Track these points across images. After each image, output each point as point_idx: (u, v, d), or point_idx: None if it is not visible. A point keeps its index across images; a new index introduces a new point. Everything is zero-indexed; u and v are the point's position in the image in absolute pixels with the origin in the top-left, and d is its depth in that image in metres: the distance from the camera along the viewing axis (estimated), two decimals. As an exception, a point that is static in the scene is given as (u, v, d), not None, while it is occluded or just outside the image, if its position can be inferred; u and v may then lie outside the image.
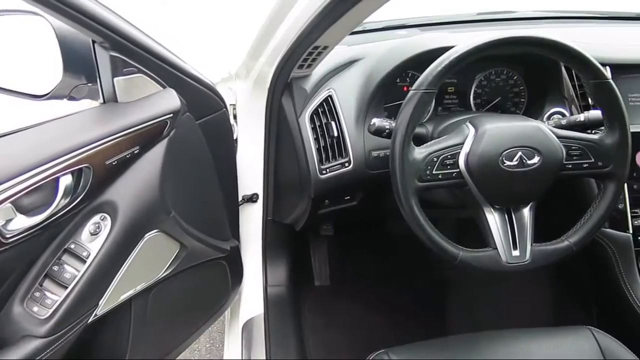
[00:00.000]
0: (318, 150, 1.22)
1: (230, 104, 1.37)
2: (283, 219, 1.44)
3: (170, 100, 0.95)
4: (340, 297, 1.79)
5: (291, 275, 1.54)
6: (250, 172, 1.36)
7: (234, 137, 1.33)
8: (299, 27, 0.97)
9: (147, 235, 0.96)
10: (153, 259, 1.01)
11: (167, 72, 0.97)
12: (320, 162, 1.21)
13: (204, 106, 1.08)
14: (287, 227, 1.48)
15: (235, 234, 1.31)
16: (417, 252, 1.49)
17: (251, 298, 1.45)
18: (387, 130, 1.08)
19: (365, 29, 1.51)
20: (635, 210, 1.28)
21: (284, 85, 1.21)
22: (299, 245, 1.70)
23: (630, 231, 1.28)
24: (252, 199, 1.39)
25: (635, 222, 1.27)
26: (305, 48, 1.04)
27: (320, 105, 1.22)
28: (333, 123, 1.21)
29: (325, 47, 1.07)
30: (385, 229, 1.77)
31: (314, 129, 1.22)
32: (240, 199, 1.36)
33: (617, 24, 1.68)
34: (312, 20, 0.91)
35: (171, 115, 0.94)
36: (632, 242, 1.28)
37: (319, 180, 1.22)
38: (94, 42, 0.88)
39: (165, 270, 1.05)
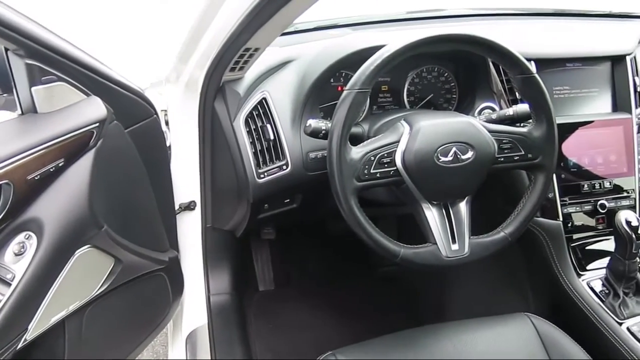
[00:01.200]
0: (255, 154, 1.20)
1: (162, 110, 1.33)
2: (223, 226, 1.41)
3: (95, 108, 0.91)
4: (285, 301, 1.78)
5: (234, 282, 1.51)
6: (186, 179, 1.32)
7: (167, 144, 1.29)
8: (228, 29, 0.95)
9: (78, 252, 0.91)
10: (86, 276, 0.97)
11: (91, 79, 0.92)
12: (258, 166, 1.20)
13: (132, 113, 1.04)
14: (228, 234, 1.45)
15: (174, 244, 1.27)
16: (359, 251, 1.51)
17: (194, 308, 1.41)
18: (323, 131, 1.07)
19: (297, 29, 1.50)
20: (564, 199, 1.34)
21: (216, 89, 1.18)
22: (241, 251, 1.68)
23: (561, 219, 1.33)
24: (189, 206, 1.35)
25: (565, 210, 1.33)
26: (236, 50, 1.02)
27: (255, 108, 1.20)
28: (269, 126, 1.19)
29: (256, 49, 1.06)
30: (326, 229, 1.77)
31: (249, 132, 1.20)
32: (177, 207, 1.32)
33: (539, 20, 1.75)
34: (242, 22, 0.90)
35: (97, 124, 0.90)
36: (563, 229, 1.34)
37: (256, 184, 1.20)
38: (6, 49, 0.82)
39: (100, 287, 1.00)
